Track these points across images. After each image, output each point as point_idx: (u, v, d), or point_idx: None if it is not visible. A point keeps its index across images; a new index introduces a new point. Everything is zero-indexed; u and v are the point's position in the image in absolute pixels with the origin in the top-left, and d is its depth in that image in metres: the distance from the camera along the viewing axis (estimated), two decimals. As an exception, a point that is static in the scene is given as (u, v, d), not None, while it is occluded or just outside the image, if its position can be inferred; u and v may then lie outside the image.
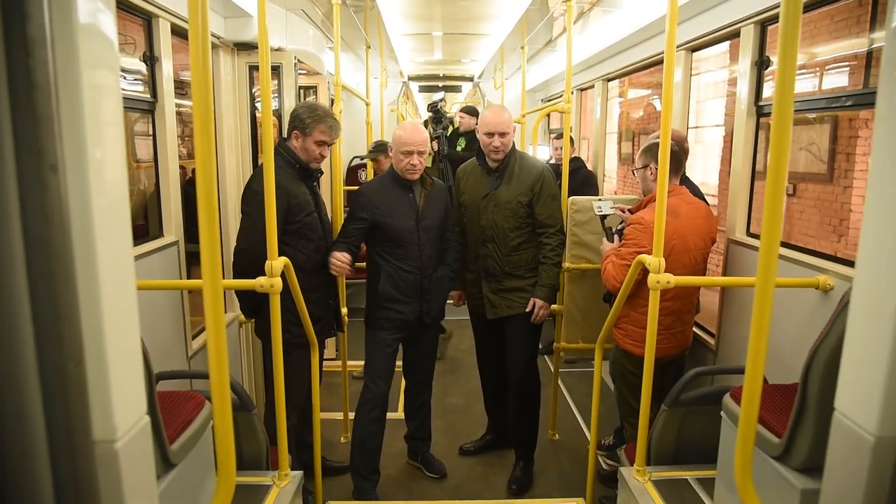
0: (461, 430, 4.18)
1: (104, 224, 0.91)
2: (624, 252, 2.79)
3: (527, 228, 3.22)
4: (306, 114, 2.82)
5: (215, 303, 1.20)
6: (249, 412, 2.36)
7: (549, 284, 3.22)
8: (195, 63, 1.10)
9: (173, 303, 2.95)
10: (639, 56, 4.53)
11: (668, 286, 2.19)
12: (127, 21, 2.73)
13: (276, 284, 2.17)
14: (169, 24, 2.85)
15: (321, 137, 2.83)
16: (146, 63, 2.77)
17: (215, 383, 1.23)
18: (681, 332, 2.94)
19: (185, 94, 3.52)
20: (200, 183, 1.14)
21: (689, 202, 2.88)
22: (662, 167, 2.16)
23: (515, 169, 3.20)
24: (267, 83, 2.03)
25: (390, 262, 3.10)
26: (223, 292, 1.21)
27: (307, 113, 2.82)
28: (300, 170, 2.87)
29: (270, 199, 2.11)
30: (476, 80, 8.80)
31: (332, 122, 2.86)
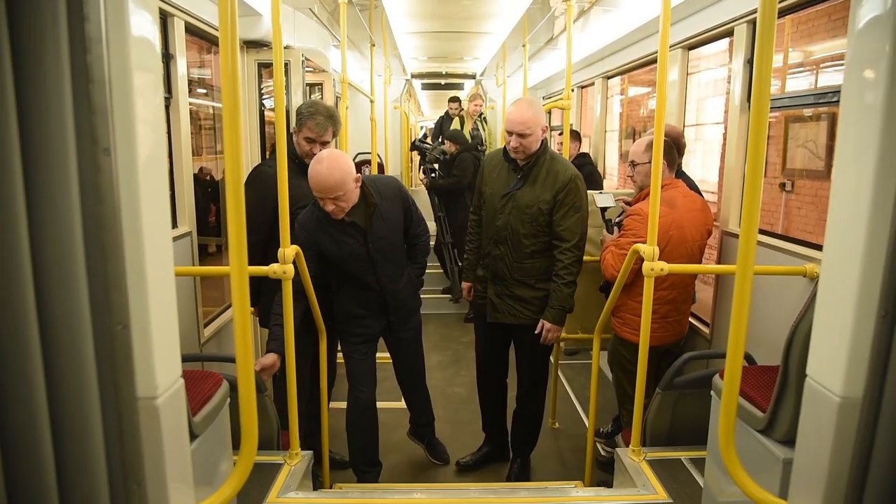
0: (463, 419, 4.29)
1: (149, 203, 1.02)
2: (623, 242, 2.89)
3: (544, 237, 2.97)
4: (303, 109, 2.91)
5: (241, 288, 1.31)
6: (261, 394, 2.47)
7: (559, 307, 2.97)
8: (224, 63, 1.21)
9: (186, 291, 3.06)
10: (638, 54, 4.64)
11: (661, 273, 2.30)
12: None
13: (288, 271, 2.28)
14: (183, 23, 2.96)
15: (307, 134, 2.89)
16: (161, 60, 2.87)
17: (241, 363, 1.35)
18: (677, 321, 3.04)
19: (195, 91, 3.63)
20: (229, 176, 1.25)
21: (685, 195, 2.99)
22: (656, 159, 2.27)
23: (542, 172, 2.93)
24: (280, 80, 2.14)
25: (346, 283, 2.97)
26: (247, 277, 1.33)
27: (304, 109, 2.91)
28: (299, 164, 2.93)
29: (283, 191, 2.22)
30: (478, 77, 8.91)
31: (320, 120, 2.86)
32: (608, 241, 3.10)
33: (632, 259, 2.53)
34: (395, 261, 2.97)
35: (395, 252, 2.97)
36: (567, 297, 2.96)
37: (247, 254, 2.61)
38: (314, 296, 2.74)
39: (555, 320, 2.98)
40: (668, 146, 3.00)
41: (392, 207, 2.91)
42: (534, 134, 2.87)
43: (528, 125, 2.85)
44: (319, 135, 2.90)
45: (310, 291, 2.70)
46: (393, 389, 3.56)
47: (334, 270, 2.91)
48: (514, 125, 2.86)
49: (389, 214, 2.89)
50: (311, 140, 2.90)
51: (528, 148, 2.90)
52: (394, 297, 2.99)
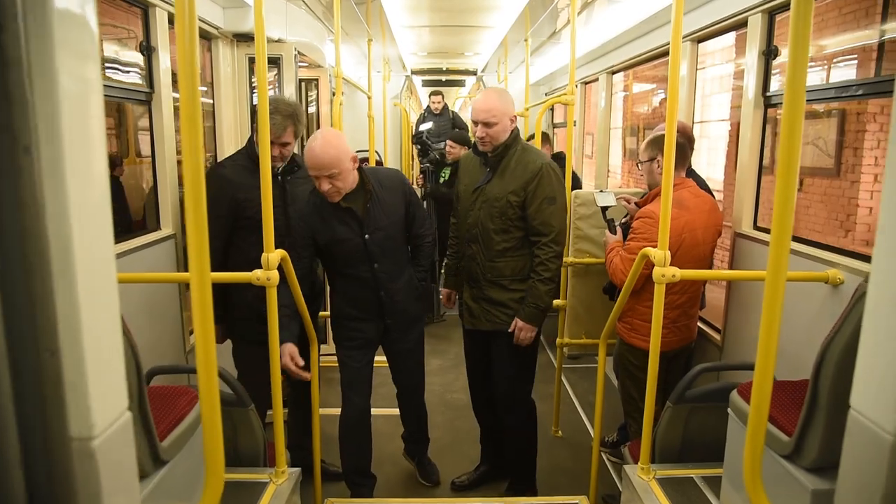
0: (462, 427, 4.14)
1: (81, 208, 0.86)
2: (633, 246, 2.74)
3: (517, 233, 2.80)
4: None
5: (203, 297, 1.16)
6: (246, 408, 2.32)
7: (533, 304, 2.79)
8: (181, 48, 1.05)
9: (170, 297, 2.91)
10: (644, 48, 4.47)
11: (673, 280, 2.14)
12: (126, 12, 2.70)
13: (272, 278, 2.13)
14: (166, 14, 2.80)
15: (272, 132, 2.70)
16: (143, 53, 2.72)
17: (203, 379, 1.19)
18: (686, 325, 2.90)
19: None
20: (188, 173, 1.09)
21: (696, 195, 2.84)
22: (668, 159, 2.11)
23: (511, 163, 2.78)
24: (263, 75, 1.98)
25: (342, 279, 2.84)
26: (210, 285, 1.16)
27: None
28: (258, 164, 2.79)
29: (267, 196, 2.08)
30: (479, 73, 8.74)
31: (277, 120, 2.66)
32: (612, 243, 2.95)
33: (641, 264, 2.37)
34: (394, 257, 2.84)
35: (394, 248, 2.83)
36: (543, 296, 2.80)
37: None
38: (303, 301, 2.60)
39: (528, 319, 2.80)
40: (678, 144, 2.85)
41: (392, 199, 2.79)
42: (500, 123, 2.75)
43: (493, 113, 2.73)
44: (277, 136, 2.71)
45: (298, 296, 2.56)
46: (389, 396, 3.40)
47: (330, 264, 2.81)
48: (479, 113, 2.75)
49: (389, 206, 2.77)
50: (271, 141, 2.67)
51: (495, 138, 2.77)
52: (391, 297, 2.84)
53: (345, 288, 2.84)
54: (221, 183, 2.71)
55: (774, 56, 2.82)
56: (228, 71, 3.66)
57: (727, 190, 7.52)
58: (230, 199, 2.71)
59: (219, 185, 2.71)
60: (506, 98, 2.82)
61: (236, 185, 2.71)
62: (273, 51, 3.76)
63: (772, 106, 2.90)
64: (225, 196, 2.70)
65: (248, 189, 2.71)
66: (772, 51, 2.82)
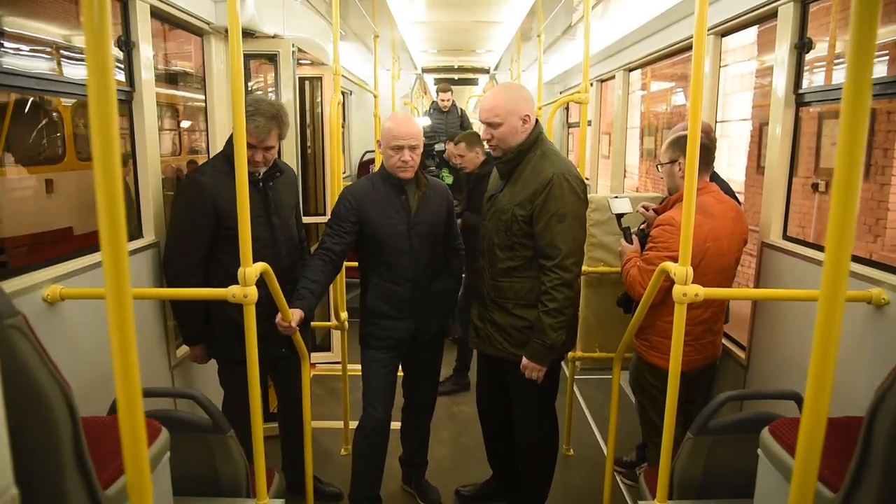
0: (468, 443, 3.93)
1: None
2: (652, 256, 2.50)
3: (523, 252, 2.51)
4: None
5: (120, 316, 0.94)
6: (224, 434, 2.13)
7: (538, 341, 2.46)
8: (89, 26, 0.84)
9: (152, 309, 2.73)
10: (663, 42, 4.21)
11: (696, 300, 1.90)
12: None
13: (250, 294, 1.93)
14: (148, 7, 2.62)
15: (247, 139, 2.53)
16: (121, 49, 2.54)
17: (123, 415, 0.95)
18: (710, 342, 2.67)
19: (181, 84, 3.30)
20: (100, 181, 0.88)
21: (720, 200, 2.61)
22: (691, 162, 1.87)
23: (525, 171, 2.50)
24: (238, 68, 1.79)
25: (379, 273, 2.77)
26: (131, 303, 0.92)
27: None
28: None
29: (244, 204, 1.88)
30: (492, 71, 8.51)
31: (260, 123, 2.48)
32: (629, 253, 2.71)
33: (659, 278, 2.14)
34: (432, 258, 2.79)
35: (433, 247, 2.80)
36: (547, 330, 2.43)
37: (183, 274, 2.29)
38: (289, 312, 2.42)
39: (532, 356, 2.49)
40: (702, 145, 2.61)
41: (437, 201, 2.80)
42: (506, 124, 2.47)
43: (497, 112, 2.46)
44: (260, 140, 2.52)
45: (284, 309, 2.37)
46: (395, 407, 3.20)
47: (372, 253, 2.75)
48: (482, 112, 2.52)
49: (434, 207, 2.78)
50: (251, 146, 2.50)
51: (503, 141, 2.51)
52: (426, 296, 2.77)
53: (381, 283, 2.75)
54: (200, 191, 2.53)
55: (808, 49, 2.57)
56: (222, 68, 3.46)
57: (748, 192, 7.25)
58: (210, 208, 2.53)
59: (198, 193, 2.53)
60: (516, 95, 2.52)
61: (216, 193, 2.53)
62: (269, 47, 3.57)
63: (804, 104, 2.65)
64: (204, 205, 2.52)
65: (229, 197, 2.53)
66: (805, 44, 2.57)
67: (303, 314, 2.51)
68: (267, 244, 2.69)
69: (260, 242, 2.65)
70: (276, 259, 2.73)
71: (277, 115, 2.55)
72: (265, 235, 2.69)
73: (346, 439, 3.85)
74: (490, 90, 2.63)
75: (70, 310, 2.12)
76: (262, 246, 2.65)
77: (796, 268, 2.49)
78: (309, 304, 2.56)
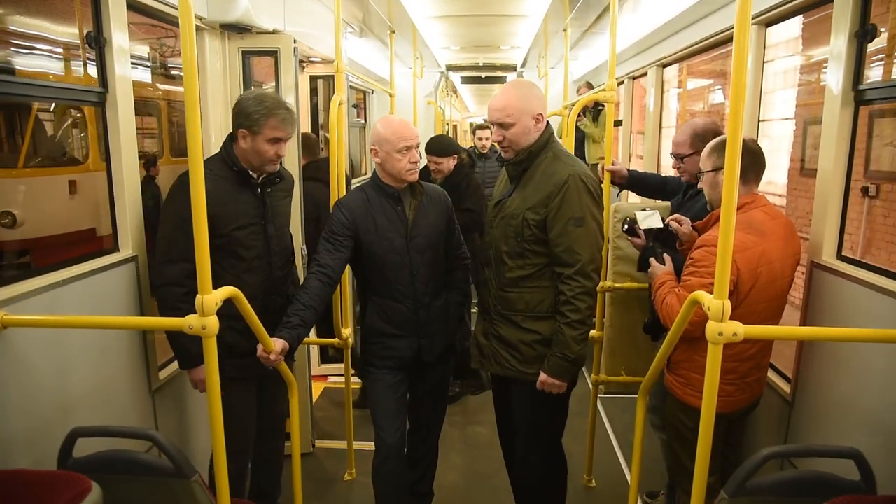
0: (483, 470, 3.64)
1: None
2: (694, 283, 2.14)
3: (535, 259, 2.33)
4: (253, 106, 2.35)
5: None
6: (188, 479, 1.87)
7: (560, 355, 2.29)
8: None
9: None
10: (699, 35, 3.83)
11: (734, 340, 1.57)
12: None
13: (209, 326, 1.67)
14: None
15: (274, 134, 2.37)
16: (90, 45, 2.30)
17: None
18: (757, 379, 2.33)
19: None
20: None
21: (772, 216, 2.27)
22: (730, 172, 1.53)
23: (536, 173, 2.34)
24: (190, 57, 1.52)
25: (377, 290, 2.61)
26: None
27: (254, 105, 2.35)
28: (239, 172, 2.42)
29: (200, 214, 1.61)
30: (519, 69, 8.16)
31: (284, 115, 2.39)
32: (661, 275, 2.37)
33: (690, 310, 1.81)
34: (433, 272, 2.61)
35: (433, 260, 2.61)
36: (570, 343, 2.27)
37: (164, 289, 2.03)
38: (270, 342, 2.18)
39: (554, 372, 2.31)
40: (751, 150, 2.27)
41: (435, 211, 2.62)
42: (519, 124, 2.31)
43: (508, 112, 2.30)
44: (289, 132, 2.42)
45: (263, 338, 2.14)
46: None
47: (369, 269, 2.58)
48: (492, 112, 2.35)
49: (432, 217, 2.61)
50: (278, 140, 2.40)
51: (515, 142, 2.34)
52: (428, 312, 2.60)
53: (381, 300, 2.59)
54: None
55: (871, 38, 2.20)
56: (217, 66, 3.23)
57: (791, 195, 6.80)
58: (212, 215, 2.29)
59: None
60: (528, 93, 2.35)
61: (211, 197, 2.29)
62: (268, 43, 3.32)
63: (865, 103, 2.28)
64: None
65: (223, 202, 2.37)
66: (868, 31, 2.20)
67: (286, 345, 2.28)
68: (260, 254, 2.50)
69: (252, 252, 2.47)
70: (268, 271, 2.53)
71: (292, 109, 2.49)
72: (259, 245, 2.49)
73: (351, 463, 3.60)
74: (500, 89, 2.43)
75: (17, 338, 1.89)
76: (256, 256, 2.48)
77: (855, 295, 2.13)
78: (298, 334, 2.35)
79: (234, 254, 2.41)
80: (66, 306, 2.11)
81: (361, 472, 3.52)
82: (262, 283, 2.50)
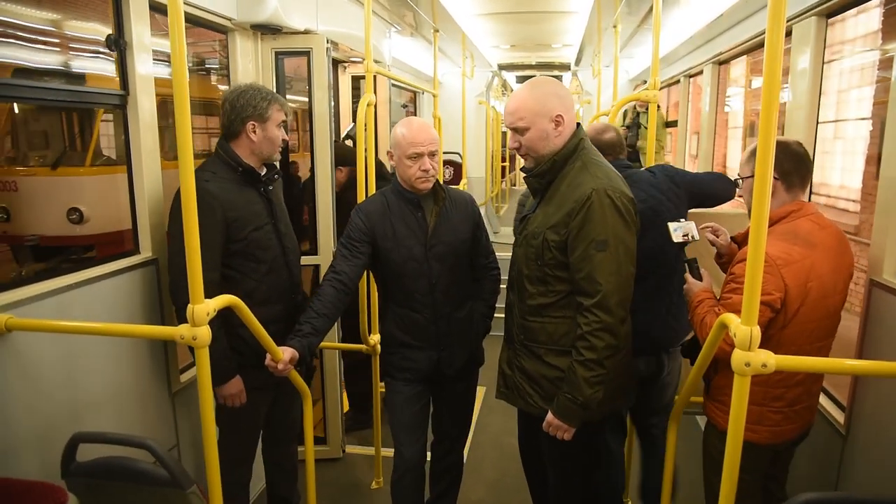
0: (515, 484, 3.48)
1: None
2: (736, 301, 1.90)
3: (558, 286, 2.05)
4: (257, 97, 2.35)
5: None
6: (183, 490, 1.83)
7: (569, 396, 2.00)
8: None
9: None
10: (760, 26, 3.55)
11: (763, 371, 1.39)
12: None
13: (200, 336, 1.61)
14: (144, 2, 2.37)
15: (281, 117, 2.39)
16: (111, 48, 2.30)
17: None
18: (808, 407, 2.09)
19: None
20: None
21: (822, 225, 2.03)
22: (761, 178, 1.35)
23: (562, 186, 2.05)
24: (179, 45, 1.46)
25: (396, 299, 2.50)
26: None
27: (258, 95, 2.35)
28: (244, 174, 2.37)
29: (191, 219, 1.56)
30: (574, 68, 7.94)
31: (282, 99, 2.42)
32: (698, 292, 2.16)
33: (720, 334, 1.63)
34: (455, 281, 2.48)
35: (455, 269, 2.48)
36: (582, 385, 1.96)
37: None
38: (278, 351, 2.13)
39: (560, 413, 2.02)
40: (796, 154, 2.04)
41: (459, 218, 2.49)
42: (534, 127, 2.03)
43: (520, 114, 2.03)
44: (291, 116, 2.49)
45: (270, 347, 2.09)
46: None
47: (387, 277, 2.49)
48: (505, 116, 2.12)
49: (455, 224, 2.48)
50: (283, 123, 2.43)
51: (533, 148, 2.07)
52: (448, 326, 2.47)
53: (399, 309, 2.49)
54: (209, 201, 2.18)
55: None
56: (250, 67, 3.22)
57: (865, 201, 6.31)
58: (220, 219, 2.26)
59: (208, 205, 2.17)
60: (545, 91, 2.05)
61: (225, 203, 2.29)
62: (300, 44, 3.28)
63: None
64: (214, 216, 2.22)
65: (236, 206, 2.32)
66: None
67: (296, 354, 2.21)
68: (278, 254, 2.46)
69: (269, 253, 2.42)
70: (286, 270, 2.49)
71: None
72: (274, 244, 2.45)
73: (378, 471, 3.52)
74: (517, 89, 2.17)
75: (23, 341, 1.89)
76: (273, 257, 2.43)
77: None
78: (309, 343, 2.27)
79: (252, 257, 2.36)
80: (86, 307, 2.12)
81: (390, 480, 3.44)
82: (284, 283, 2.47)
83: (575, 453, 2.23)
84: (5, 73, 6.04)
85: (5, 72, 6.07)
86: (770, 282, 1.85)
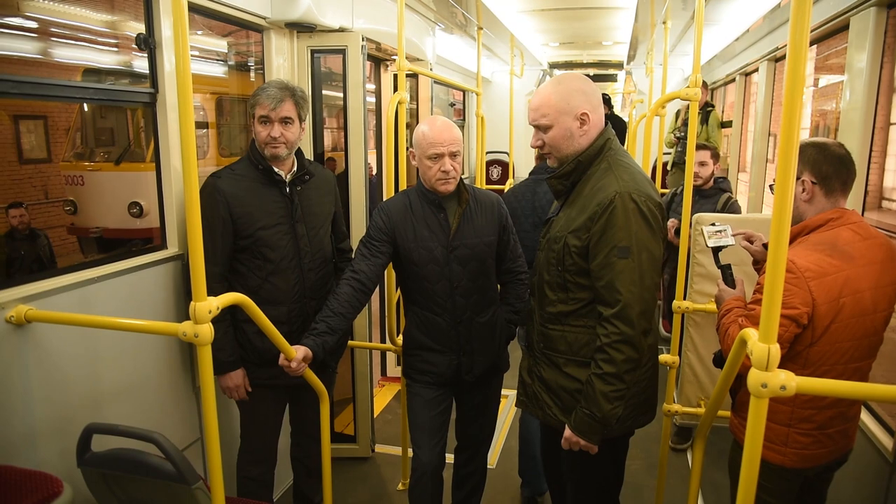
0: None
1: None
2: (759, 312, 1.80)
3: (579, 293, 1.95)
4: (255, 93, 2.36)
5: None
6: (189, 486, 1.84)
7: (587, 411, 1.89)
8: None
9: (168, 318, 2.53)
10: (819, 18, 3.32)
11: (783, 395, 1.27)
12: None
13: (202, 334, 1.61)
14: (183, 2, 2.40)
15: (261, 112, 2.33)
16: (141, 47, 2.35)
17: None
18: (842, 431, 1.93)
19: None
20: None
21: (864, 235, 1.86)
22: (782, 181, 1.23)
23: (586, 188, 1.95)
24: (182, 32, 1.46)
25: (416, 301, 2.46)
26: None
27: (256, 92, 2.37)
28: (263, 171, 2.38)
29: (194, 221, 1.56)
30: (626, 66, 7.71)
31: (271, 92, 2.32)
32: (729, 300, 2.04)
33: (741, 351, 1.51)
34: (478, 285, 2.42)
35: (479, 273, 2.42)
36: (599, 400, 1.86)
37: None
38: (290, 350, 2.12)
39: (577, 428, 1.92)
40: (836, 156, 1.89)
41: (484, 220, 2.43)
42: (557, 125, 1.93)
43: (544, 111, 1.93)
44: (273, 107, 2.32)
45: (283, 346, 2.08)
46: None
47: (407, 278, 2.46)
48: (529, 113, 2.01)
49: (480, 226, 2.42)
50: (266, 120, 2.34)
51: (556, 148, 1.97)
52: (469, 331, 2.41)
53: (420, 311, 2.45)
54: (216, 196, 2.31)
55: None
56: (285, 65, 3.23)
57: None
58: (225, 214, 2.33)
59: (213, 199, 2.30)
60: (570, 87, 1.93)
61: (232, 198, 2.34)
62: (335, 42, 3.28)
63: None
64: (218, 210, 2.31)
65: (245, 202, 2.36)
66: None
67: (309, 353, 2.19)
68: (289, 255, 2.44)
69: (280, 253, 2.42)
70: (298, 273, 2.47)
71: (290, 87, 2.38)
72: (285, 245, 2.44)
73: (405, 472, 3.49)
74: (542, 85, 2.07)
75: (43, 333, 1.94)
76: (283, 257, 2.43)
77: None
78: (324, 341, 2.25)
79: (260, 255, 2.38)
80: (111, 300, 2.17)
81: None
82: (293, 286, 2.45)
83: (595, 469, 2.13)
84: (76, 74, 6.37)
85: (76, 73, 6.39)
86: (797, 295, 1.71)
